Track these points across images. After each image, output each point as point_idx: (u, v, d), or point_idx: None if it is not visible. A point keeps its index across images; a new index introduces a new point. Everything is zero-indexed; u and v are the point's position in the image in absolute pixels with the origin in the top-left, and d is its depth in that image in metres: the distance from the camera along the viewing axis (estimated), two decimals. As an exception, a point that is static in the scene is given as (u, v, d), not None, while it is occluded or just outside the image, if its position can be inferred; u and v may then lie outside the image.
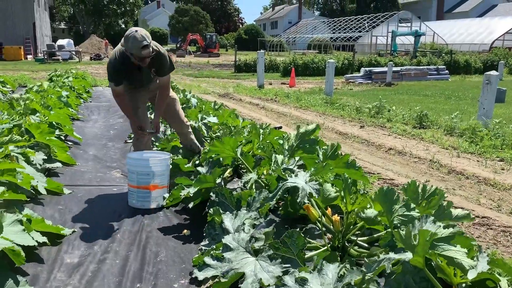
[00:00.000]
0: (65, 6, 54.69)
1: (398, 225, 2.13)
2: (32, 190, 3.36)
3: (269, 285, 1.97)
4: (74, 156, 4.90)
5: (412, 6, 52.64)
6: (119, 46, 3.58)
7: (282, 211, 3.06)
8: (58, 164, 4.34)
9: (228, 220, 2.79)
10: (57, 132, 5.19)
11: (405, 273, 1.80)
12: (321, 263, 1.91)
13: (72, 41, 33.50)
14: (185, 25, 48.17)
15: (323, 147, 3.23)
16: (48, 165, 4.18)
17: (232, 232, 2.64)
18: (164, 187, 3.50)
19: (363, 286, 1.67)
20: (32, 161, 3.76)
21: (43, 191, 3.42)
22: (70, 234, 2.86)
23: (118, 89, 3.63)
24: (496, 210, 3.69)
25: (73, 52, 30.14)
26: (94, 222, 3.10)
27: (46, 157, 4.15)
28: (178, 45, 48.92)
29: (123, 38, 3.40)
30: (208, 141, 4.74)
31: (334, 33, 41.26)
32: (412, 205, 2.16)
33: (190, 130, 4.29)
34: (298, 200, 2.60)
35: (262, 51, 15.08)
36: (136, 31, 3.34)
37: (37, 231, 2.60)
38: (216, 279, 2.18)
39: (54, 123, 5.53)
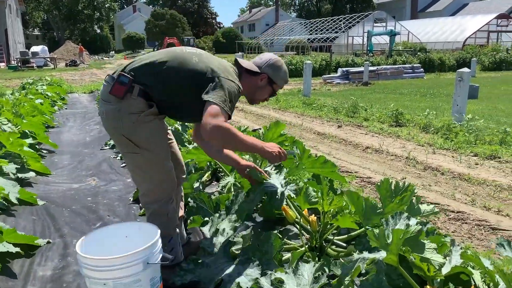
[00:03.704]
0: (38, 12, 53.67)
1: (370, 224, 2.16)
2: (4, 201, 3.27)
3: (246, 288, 1.96)
4: (49, 165, 4.80)
5: (387, 6, 53.46)
6: (232, 66, 2.39)
7: (260, 213, 3.06)
8: (32, 174, 4.24)
9: (206, 225, 2.78)
10: (30, 140, 5.09)
11: (380, 272, 1.81)
12: (296, 264, 1.92)
13: (46, 48, 32.89)
14: (161, 29, 47.85)
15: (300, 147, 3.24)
16: (21, 175, 4.08)
17: (209, 236, 2.63)
18: None
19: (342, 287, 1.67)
20: (4, 171, 3.67)
21: (15, 201, 3.34)
22: (45, 244, 2.80)
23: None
24: (470, 205, 3.76)
25: (48, 59, 29.60)
26: (68, 233, 3.04)
27: (18, 167, 4.05)
28: (155, 49, 48.58)
29: (258, 64, 2.46)
30: (186, 144, 4.71)
31: (311, 34, 41.58)
32: (378, 206, 2.20)
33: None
34: (275, 203, 2.61)
35: (240, 53, 15.11)
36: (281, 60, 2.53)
37: (9, 243, 2.54)
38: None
39: (27, 131, 5.43)
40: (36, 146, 5.32)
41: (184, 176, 2.77)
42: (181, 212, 2.75)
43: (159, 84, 2.18)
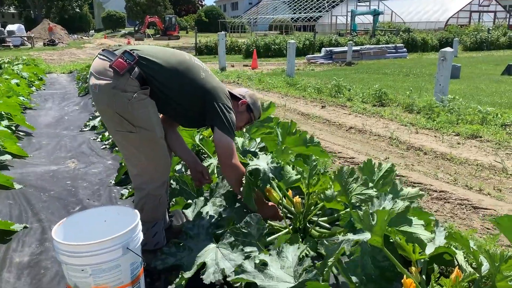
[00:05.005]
0: (13, -11, 51.81)
1: (357, 204, 2.13)
2: (-22, 186, 3.17)
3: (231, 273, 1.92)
4: (26, 147, 4.67)
5: (370, -15, 53.08)
6: (226, 96, 2.37)
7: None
8: (8, 157, 4.12)
9: (189, 208, 2.73)
10: (6, 122, 4.94)
11: (364, 253, 1.79)
12: (281, 246, 1.88)
13: (23, 26, 31.91)
14: (142, 8, 46.73)
15: (281, 127, 3.19)
16: (-4, 158, 3.96)
17: (192, 219, 2.58)
18: (124, 286, 1.82)
19: (326, 269, 1.65)
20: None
21: (-10, 185, 3.24)
22: (21, 229, 2.71)
23: None
24: (452, 184, 3.78)
25: (25, 38, 28.75)
26: (46, 217, 2.95)
27: (-7, 150, 3.93)
28: (136, 28, 47.57)
29: (239, 92, 2.59)
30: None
31: (294, 13, 41.14)
32: (370, 184, 2.15)
33: None
34: (259, 184, 2.55)
35: (223, 32, 14.83)
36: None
37: (-16, 229, 2.46)
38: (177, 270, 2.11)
39: (3, 113, 5.25)
40: (13, 128, 5.15)
41: (172, 158, 2.73)
42: None
43: (161, 79, 2.17)
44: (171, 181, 2.91)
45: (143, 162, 2.22)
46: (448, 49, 7.24)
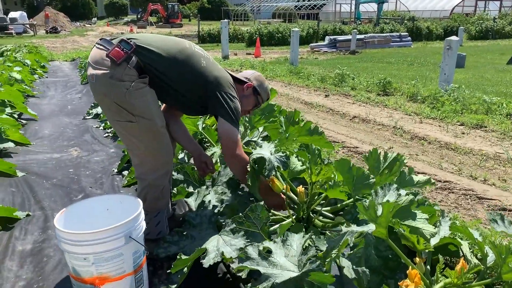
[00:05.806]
0: (15, -25, 51.45)
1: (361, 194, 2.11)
2: (-19, 173, 3.16)
3: (231, 258, 1.91)
4: (29, 135, 4.66)
5: (375, -27, 52.45)
6: (229, 84, 2.29)
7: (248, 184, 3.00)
8: (10, 144, 4.11)
9: (191, 197, 2.72)
10: (9, 110, 4.92)
11: (368, 245, 1.78)
12: (285, 234, 1.87)
13: (25, 14, 31.76)
14: (145, -5, 46.38)
15: (285, 115, 3.16)
16: (-1, 146, 3.96)
17: (194, 208, 2.57)
18: (126, 275, 1.81)
19: (328, 260, 1.63)
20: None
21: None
22: (24, 217, 2.71)
23: None
24: (457, 174, 3.76)
25: (27, 26, 28.63)
26: (49, 205, 2.95)
27: (-4, 137, 3.92)
28: (138, 16, 47.29)
29: (245, 75, 2.54)
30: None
31: (298, 1, 40.77)
32: (371, 175, 2.13)
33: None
34: (265, 174, 2.53)
35: (226, 20, 14.71)
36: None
37: (-14, 217, 2.45)
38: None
39: (5, 101, 5.24)
40: (15, 115, 5.14)
41: (175, 148, 2.71)
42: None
43: (161, 68, 2.12)
44: (173, 171, 2.89)
45: (143, 152, 2.18)
46: (453, 37, 7.15)
